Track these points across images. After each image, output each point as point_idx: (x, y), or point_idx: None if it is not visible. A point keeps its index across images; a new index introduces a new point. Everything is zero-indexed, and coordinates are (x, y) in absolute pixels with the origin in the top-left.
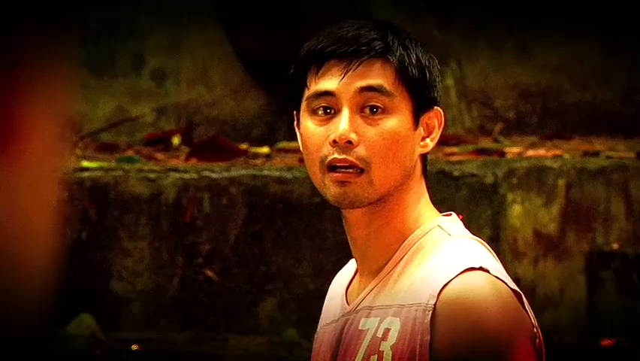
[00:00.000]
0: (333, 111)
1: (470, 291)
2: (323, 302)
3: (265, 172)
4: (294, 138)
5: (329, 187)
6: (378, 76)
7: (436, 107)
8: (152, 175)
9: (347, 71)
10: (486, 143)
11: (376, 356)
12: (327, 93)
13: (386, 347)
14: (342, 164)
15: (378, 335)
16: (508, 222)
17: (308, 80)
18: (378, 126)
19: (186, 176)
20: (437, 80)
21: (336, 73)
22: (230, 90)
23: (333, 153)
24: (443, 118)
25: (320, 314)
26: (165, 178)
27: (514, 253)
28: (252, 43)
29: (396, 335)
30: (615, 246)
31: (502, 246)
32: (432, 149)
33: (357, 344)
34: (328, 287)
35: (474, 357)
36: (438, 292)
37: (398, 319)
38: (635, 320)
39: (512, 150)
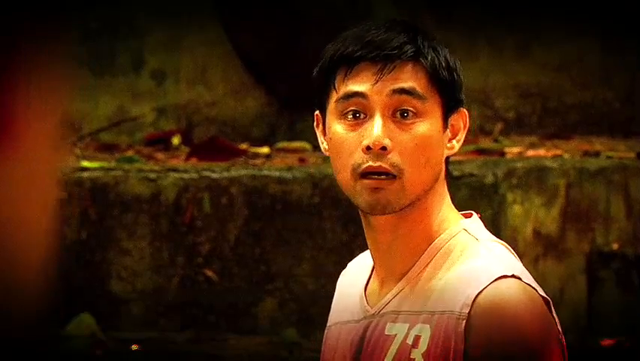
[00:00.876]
0: (363, 116)
1: (504, 299)
2: (323, 302)
3: (265, 172)
4: (294, 137)
5: (361, 194)
6: (410, 79)
7: (461, 109)
8: (152, 175)
9: (381, 75)
10: (486, 143)
11: None
12: (358, 95)
13: (417, 354)
14: (376, 171)
15: (407, 342)
16: (508, 222)
17: (336, 83)
18: (411, 131)
19: (186, 176)
20: (463, 81)
21: (368, 76)
22: (231, 90)
23: (367, 161)
24: (468, 120)
25: (322, 311)
26: (165, 178)
27: (514, 253)
28: (252, 42)
29: (427, 343)
30: (615, 246)
31: None
32: (457, 151)
33: (384, 349)
34: (328, 287)
35: None
36: (472, 300)
37: (428, 326)
38: (635, 320)
39: (512, 150)
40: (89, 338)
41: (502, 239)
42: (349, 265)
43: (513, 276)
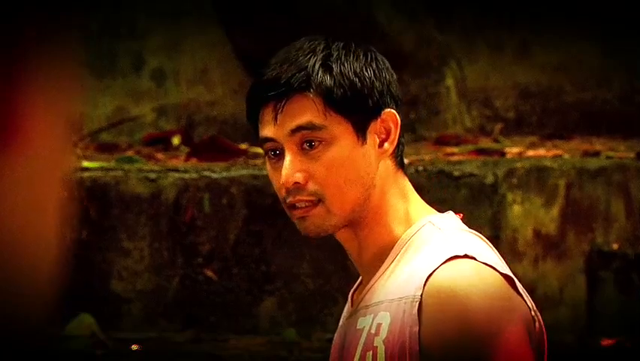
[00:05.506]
0: (279, 152)
1: (454, 279)
2: (323, 302)
3: (265, 172)
4: None
5: (295, 223)
6: (305, 112)
7: (385, 111)
8: (152, 175)
9: (276, 115)
10: (486, 143)
11: (371, 352)
12: (268, 140)
13: (379, 342)
14: (298, 204)
15: (371, 332)
16: (508, 222)
17: (257, 125)
18: (320, 159)
19: (186, 176)
20: (379, 83)
21: (270, 118)
22: (230, 90)
23: (288, 196)
24: (398, 118)
25: (322, 311)
26: (165, 178)
27: (514, 253)
28: (252, 43)
29: (387, 329)
30: (615, 246)
31: (502, 246)
32: (394, 150)
33: (355, 344)
34: (328, 287)
35: (461, 345)
36: (423, 282)
37: (388, 313)
38: (635, 320)
39: (512, 150)
40: (89, 338)
41: (502, 239)
42: None
43: (466, 256)
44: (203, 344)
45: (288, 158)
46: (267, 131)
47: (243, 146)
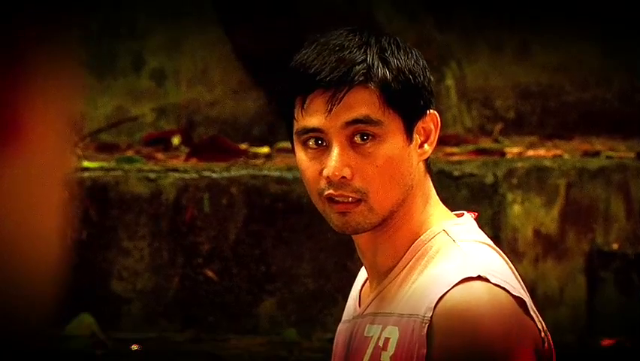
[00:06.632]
0: (324, 143)
1: (466, 303)
2: (323, 302)
3: (265, 172)
4: None
5: (331, 217)
6: (363, 106)
7: (430, 112)
8: (152, 175)
9: (332, 107)
10: (486, 143)
11: None
12: (314, 130)
13: (386, 357)
14: (339, 198)
15: (379, 344)
16: (508, 222)
17: (295, 112)
18: (371, 155)
19: (186, 176)
20: (426, 82)
21: (321, 107)
22: (230, 90)
23: (329, 189)
24: (439, 120)
25: (322, 311)
26: (165, 178)
27: (514, 253)
28: (252, 43)
29: (395, 346)
30: (615, 246)
31: (502, 246)
32: (431, 152)
33: (362, 351)
34: (328, 287)
35: None
36: (434, 304)
37: (397, 328)
38: (635, 320)
39: (512, 150)
40: (89, 338)
41: (502, 239)
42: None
43: (479, 277)
44: (203, 343)
45: (336, 150)
46: (315, 120)
47: (243, 146)
